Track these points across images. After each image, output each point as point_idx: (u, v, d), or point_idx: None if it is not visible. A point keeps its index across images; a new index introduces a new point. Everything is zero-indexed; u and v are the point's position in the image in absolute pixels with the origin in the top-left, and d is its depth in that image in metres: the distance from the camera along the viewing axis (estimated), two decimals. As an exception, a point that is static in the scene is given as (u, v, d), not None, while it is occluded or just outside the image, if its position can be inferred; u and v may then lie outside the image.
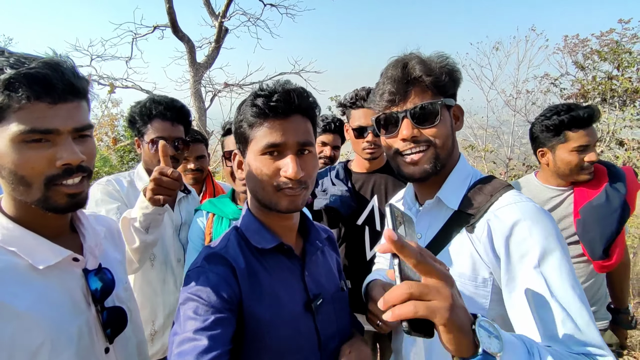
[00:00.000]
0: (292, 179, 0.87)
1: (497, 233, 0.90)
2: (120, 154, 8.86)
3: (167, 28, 6.97)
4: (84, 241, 0.96)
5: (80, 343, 0.87)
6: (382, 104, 1.04)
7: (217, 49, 7.22)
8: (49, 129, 0.79)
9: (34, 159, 0.78)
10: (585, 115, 1.72)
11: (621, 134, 4.71)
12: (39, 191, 0.81)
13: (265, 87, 0.92)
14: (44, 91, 0.78)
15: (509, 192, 0.98)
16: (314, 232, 1.06)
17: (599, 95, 4.59)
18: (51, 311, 0.83)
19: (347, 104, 1.88)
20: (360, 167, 1.97)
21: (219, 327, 0.79)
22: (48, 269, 0.85)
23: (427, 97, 1.00)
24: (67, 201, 0.84)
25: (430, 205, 1.07)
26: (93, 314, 0.91)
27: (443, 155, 1.02)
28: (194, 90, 7.00)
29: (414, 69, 1.00)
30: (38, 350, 0.79)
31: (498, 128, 6.77)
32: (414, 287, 0.56)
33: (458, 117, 1.10)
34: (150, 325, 1.67)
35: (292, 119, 0.90)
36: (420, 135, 1.00)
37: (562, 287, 0.81)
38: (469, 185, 1.04)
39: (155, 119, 1.66)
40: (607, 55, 4.58)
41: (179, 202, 1.83)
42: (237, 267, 0.88)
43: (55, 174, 0.80)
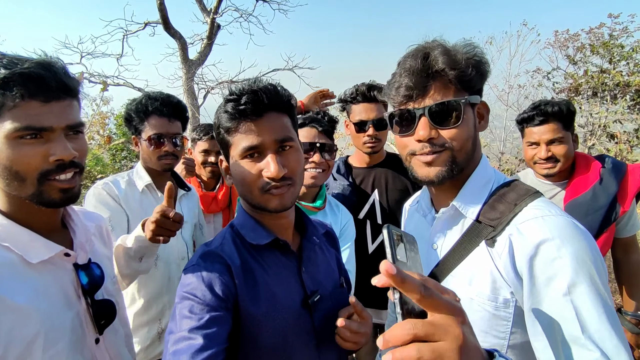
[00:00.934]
0: (275, 178, 0.86)
1: (519, 251, 0.79)
2: (112, 153, 8.76)
3: (159, 24, 6.88)
4: (74, 237, 0.99)
5: (73, 334, 0.90)
6: (397, 98, 0.92)
7: (209, 45, 7.16)
8: (44, 127, 0.82)
9: (28, 155, 0.82)
10: (534, 114, 1.80)
11: (612, 127, 4.79)
12: (33, 186, 0.83)
13: (233, 91, 0.90)
14: (38, 89, 0.82)
15: (535, 200, 0.86)
16: (311, 228, 1.04)
17: (590, 89, 4.65)
18: (45, 304, 0.86)
19: (348, 99, 1.89)
20: (360, 162, 1.98)
21: (214, 326, 0.79)
22: (41, 263, 0.88)
23: (449, 94, 0.88)
24: (60, 196, 0.87)
25: (446, 213, 0.95)
26: (83, 306, 0.95)
27: (461, 159, 0.90)
28: (187, 88, 6.94)
29: (437, 60, 0.87)
30: (33, 341, 0.82)
31: (490, 122, 6.83)
32: (419, 326, 0.48)
33: (483, 116, 0.97)
34: (157, 323, 1.67)
35: (265, 117, 0.88)
36: (438, 137, 0.88)
37: (596, 321, 0.70)
38: (490, 191, 0.92)
39: (151, 116, 1.64)
40: (599, 49, 4.63)
41: (179, 200, 1.81)
42: (232, 264, 0.87)
43: (49, 169, 0.84)
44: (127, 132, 9.22)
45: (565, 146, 1.78)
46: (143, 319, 1.66)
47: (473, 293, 0.85)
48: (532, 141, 1.82)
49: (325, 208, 1.65)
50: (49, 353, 0.84)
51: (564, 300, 0.73)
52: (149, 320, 1.66)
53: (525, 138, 1.87)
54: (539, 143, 1.80)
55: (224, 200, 2.27)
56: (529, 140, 1.84)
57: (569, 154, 1.79)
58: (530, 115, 1.83)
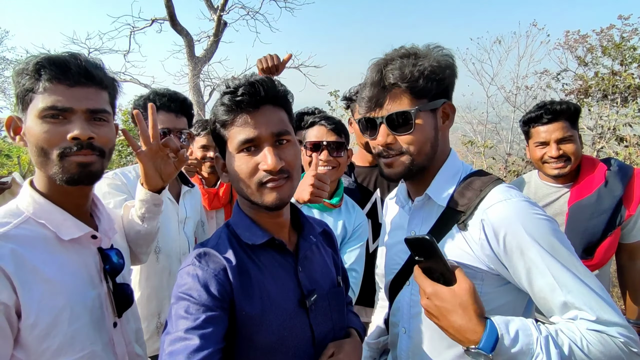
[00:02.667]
0: (272, 170, 0.85)
1: (491, 233, 0.91)
2: (118, 149, 8.81)
3: (166, 21, 6.92)
4: (99, 224, 1.06)
5: (93, 314, 0.96)
6: (363, 107, 1.04)
7: (215, 42, 7.18)
8: (65, 107, 0.91)
9: (51, 132, 0.90)
10: (542, 113, 1.78)
11: (622, 130, 4.71)
12: (55, 162, 0.91)
13: (230, 84, 0.89)
14: (63, 74, 0.91)
15: (497, 186, 0.97)
16: (307, 226, 1.03)
17: (600, 91, 4.57)
18: (72, 281, 0.93)
19: (353, 97, 1.87)
20: (363, 161, 1.96)
21: (210, 326, 0.78)
22: (70, 242, 0.95)
23: (403, 103, 0.98)
24: (78, 170, 0.93)
25: (421, 202, 1.07)
26: (104, 289, 1.01)
27: (419, 160, 1.01)
28: (193, 85, 6.96)
29: (388, 76, 0.98)
30: (60, 313, 0.88)
31: (497, 124, 6.76)
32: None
33: (448, 115, 1.05)
34: (156, 318, 1.67)
35: (262, 110, 0.87)
36: (395, 142, 1.00)
37: (572, 264, 0.85)
38: (458, 181, 1.03)
39: (159, 111, 1.66)
40: (610, 50, 4.55)
41: (183, 196, 1.82)
42: (228, 264, 0.86)
43: (67, 146, 0.91)
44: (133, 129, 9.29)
45: (575, 144, 1.76)
46: (143, 312, 1.66)
47: None
48: (541, 141, 1.79)
49: (342, 207, 1.65)
50: (73, 326, 0.90)
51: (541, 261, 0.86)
52: (149, 314, 1.67)
53: (533, 138, 1.83)
54: (548, 142, 1.77)
55: (225, 196, 2.28)
56: (537, 140, 1.80)
57: (578, 153, 1.77)
58: (538, 114, 1.80)
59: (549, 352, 0.78)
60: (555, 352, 0.78)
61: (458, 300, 0.83)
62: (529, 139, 1.89)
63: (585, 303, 0.83)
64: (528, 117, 1.86)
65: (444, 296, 0.85)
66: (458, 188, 1.01)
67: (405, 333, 1.09)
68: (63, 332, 0.88)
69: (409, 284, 1.08)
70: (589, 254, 1.70)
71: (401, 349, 1.10)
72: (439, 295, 0.85)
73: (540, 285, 0.86)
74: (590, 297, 0.83)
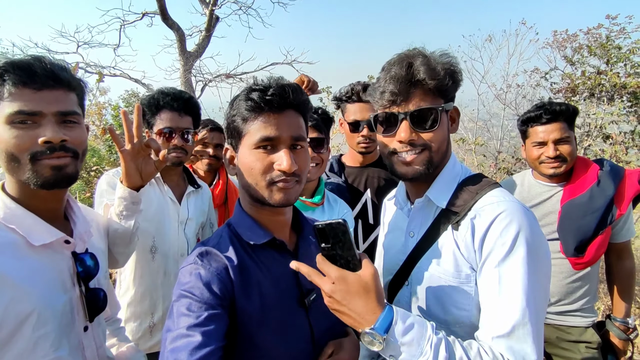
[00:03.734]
0: (287, 171, 0.88)
1: (477, 231, 0.93)
2: (108, 144, 8.71)
3: (156, 15, 6.82)
4: (75, 227, 1.04)
5: (63, 318, 0.95)
6: (382, 102, 1.02)
7: (207, 37, 7.10)
8: (34, 111, 0.90)
9: (20, 137, 0.89)
10: (541, 113, 1.81)
11: (608, 128, 4.80)
12: (27, 167, 0.90)
13: (260, 82, 0.92)
14: (29, 78, 0.90)
15: (493, 190, 0.99)
16: (307, 227, 1.06)
17: (587, 90, 4.66)
18: (41, 286, 0.92)
19: (343, 98, 1.88)
20: (354, 161, 1.98)
21: (212, 323, 0.80)
22: (41, 247, 0.94)
23: (428, 101, 0.99)
24: (52, 174, 0.92)
25: (421, 203, 1.09)
26: (77, 293, 1.01)
27: (437, 158, 1.03)
28: (184, 80, 6.88)
29: (419, 70, 0.98)
30: (26, 319, 0.87)
31: (488, 121, 6.83)
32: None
33: (454, 119, 1.10)
34: (149, 317, 1.69)
35: (286, 113, 0.91)
36: (417, 138, 1.00)
37: (513, 289, 0.84)
38: (457, 183, 1.05)
39: (163, 110, 1.67)
40: (596, 50, 4.63)
41: (187, 196, 1.82)
42: (229, 263, 0.88)
43: (39, 150, 0.90)
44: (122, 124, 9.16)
45: (571, 146, 1.81)
46: (136, 310, 1.68)
47: (441, 272, 0.99)
48: (539, 141, 1.82)
49: (324, 204, 1.66)
50: (38, 332, 0.89)
51: (493, 271, 0.87)
52: (142, 313, 1.68)
53: (531, 138, 1.86)
54: (545, 142, 1.81)
55: (220, 196, 2.27)
56: (535, 140, 1.84)
57: (574, 154, 1.82)
58: (538, 114, 1.82)
59: (437, 354, 0.77)
60: (444, 356, 0.77)
61: (362, 284, 0.83)
62: (525, 138, 1.91)
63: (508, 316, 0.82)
64: (527, 117, 1.88)
65: (349, 280, 0.83)
66: (456, 190, 1.04)
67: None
68: (26, 339, 0.87)
69: (408, 284, 1.10)
70: (580, 252, 1.75)
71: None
72: (345, 280, 0.84)
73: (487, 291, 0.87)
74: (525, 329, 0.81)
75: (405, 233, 1.12)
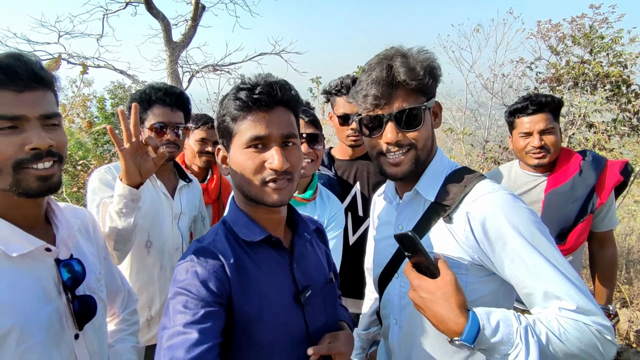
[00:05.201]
0: (278, 170, 0.87)
1: (476, 225, 0.95)
2: (94, 137, 8.55)
3: (141, 4, 6.66)
4: (57, 232, 0.99)
5: (50, 329, 0.91)
6: (365, 105, 1.04)
7: (193, 27, 6.98)
8: (17, 115, 0.83)
9: (3, 145, 0.82)
10: (527, 104, 1.86)
11: (591, 117, 4.90)
12: (9, 176, 0.84)
13: (247, 80, 0.91)
14: (9, 79, 0.82)
15: (481, 182, 1.02)
16: (302, 224, 1.06)
17: (571, 79, 4.74)
18: (21, 298, 0.86)
19: (333, 92, 1.89)
20: (343, 155, 2.00)
21: (209, 321, 0.80)
22: (20, 257, 0.88)
23: (411, 100, 1.01)
24: (38, 184, 0.87)
25: (409, 197, 1.11)
26: (64, 302, 0.95)
27: (423, 155, 1.06)
28: (171, 71, 6.78)
29: (399, 72, 0.99)
30: (7, 334, 0.82)
31: (476, 111, 6.90)
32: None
33: (437, 114, 1.12)
34: (147, 311, 1.71)
35: (275, 111, 0.91)
36: (403, 138, 1.02)
37: (552, 255, 0.90)
38: (445, 176, 1.08)
39: (155, 105, 1.67)
40: (580, 39, 4.70)
41: (179, 191, 1.83)
42: (226, 261, 0.89)
43: (24, 158, 0.84)
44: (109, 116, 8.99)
45: (555, 136, 1.86)
46: None
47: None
48: (525, 131, 1.87)
49: (316, 199, 1.68)
50: (23, 347, 0.85)
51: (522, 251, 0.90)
52: (139, 308, 1.68)
53: (517, 129, 1.91)
54: (531, 133, 1.86)
55: (214, 191, 2.28)
56: (521, 130, 1.89)
57: (558, 145, 1.87)
58: (524, 105, 1.87)
59: (527, 342, 0.81)
60: (533, 341, 0.82)
61: (440, 291, 0.87)
62: (512, 129, 1.96)
63: (566, 292, 0.86)
64: (514, 108, 1.93)
65: (427, 288, 0.89)
66: (444, 184, 1.06)
67: (396, 324, 1.13)
68: (10, 354, 0.83)
69: (398, 276, 1.12)
70: (562, 239, 1.82)
71: (392, 338, 1.14)
72: (423, 287, 0.90)
73: (522, 275, 0.90)
74: (570, 287, 0.87)
75: (395, 226, 1.15)
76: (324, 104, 6.07)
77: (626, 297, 3.74)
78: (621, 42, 4.53)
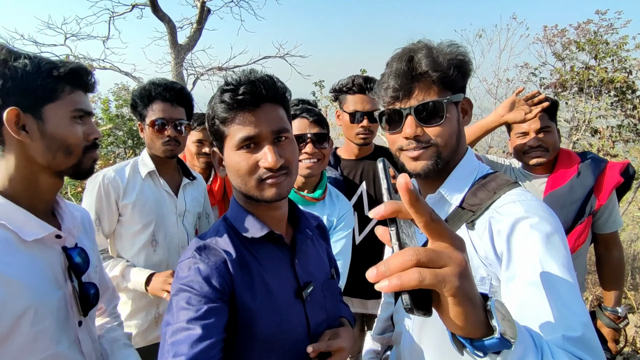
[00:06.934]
0: (272, 168, 0.87)
1: (498, 231, 0.87)
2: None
3: (146, 7, 6.73)
4: (62, 222, 1.05)
5: (60, 314, 0.96)
6: (386, 99, 0.99)
7: (199, 30, 7.03)
8: (87, 111, 1.04)
9: (79, 132, 1.01)
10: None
11: (596, 122, 4.90)
12: (77, 157, 1.01)
13: (230, 81, 0.90)
14: (83, 83, 1.05)
15: (513, 189, 0.94)
16: (304, 220, 1.06)
17: (576, 84, 4.74)
18: (37, 281, 0.92)
19: (343, 89, 1.89)
20: (349, 154, 2.00)
21: (212, 317, 0.80)
22: (34, 242, 0.94)
23: (432, 94, 0.95)
24: (91, 166, 1.06)
25: (433, 200, 1.03)
26: (69, 288, 1.01)
27: (445, 153, 0.98)
28: (176, 73, 6.82)
29: (420, 63, 0.94)
30: (23, 315, 0.87)
31: (479, 115, 6.91)
32: (421, 252, 0.47)
33: (466, 111, 1.05)
34: (155, 309, 1.72)
35: (262, 108, 0.89)
36: (423, 134, 0.96)
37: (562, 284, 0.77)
38: (473, 180, 1.00)
39: (155, 101, 1.67)
40: (584, 45, 4.70)
41: (183, 188, 1.82)
42: (228, 257, 0.88)
43: (89, 145, 1.04)
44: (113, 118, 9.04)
45: (552, 135, 1.86)
46: (141, 303, 1.71)
47: None
48: (522, 131, 1.87)
49: (325, 199, 1.67)
50: (36, 328, 0.89)
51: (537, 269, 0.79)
52: (147, 305, 1.71)
53: (515, 129, 1.91)
54: (528, 132, 1.85)
55: (219, 191, 2.28)
56: (518, 130, 1.89)
57: (556, 144, 1.87)
58: None
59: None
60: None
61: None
62: (510, 130, 1.96)
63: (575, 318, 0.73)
64: None
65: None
66: (472, 188, 0.98)
67: (408, 330, 1.08)
68: (25, 334, 0.87)
69: None
70: None
71: (404, 344, 1.10)
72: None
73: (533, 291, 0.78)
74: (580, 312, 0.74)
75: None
76: (327, 107, 6.09)
77: (633, 303, 3.71)
78: (626, 48, 4.54)
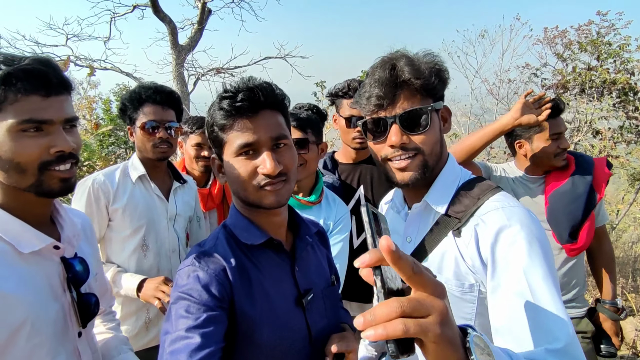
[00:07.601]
0: (271, 174, 0.87)
1: (483, 239, 0.88)
2: (99, 139, 8.61)
3: (148, 8, 6.73)
4: (62, 231, 1.01)
5: (57, 326, 0.93)
6: (369, 107, 0.98)
7: (200, 30, 7.03)
8: (44, 119, 0.87)
9: (30, 147, 0.86)
10: (557, 106, 1.84)
11: (597, 124, 4.88)
12: (33, 176, 0.87)
13: (228, 88, 0.90)
14: (40, 85, 0.87)
15: (496, 194, 0.95)
16: (304, 227, 1.05)
17: (578, 86, 4.71)
18: (32, 294, 0.88)
19: (339, 94, 1.88)
20: (347, 158, 2.00)
21: (211, 325, 0.80)
22: (30, 254, 0.90)
23: (416, 101, 0.95)
24: (59, 185, 0.91)
25: (419, 208, 1.04)
26: (68, 299, 0.97)
27: (432, 161, 0.98)
28: (177, 74, 6.82)
29: (403, 71, 0.94)
30: (19, 329, 0.84)
31: (481, 116, 6.89)
32: (405, 303, 0.48)
33: (446, 119, 1.06)
34: (145, 313, 1.71)
35: (260, 115, 0.89)
36: (409, 142, 0.96)
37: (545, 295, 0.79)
38: (457, 187, 1.01)
39: (145, 104, 1.66)
40: (587, 46, 4.68)
41: (174, 192, 1.81)
42: (227, 265, 0.88)
43: (49, 160, 0.88)
44: (114, 118, 9.07)
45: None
46: (131, 308, 1.69)
47: (442, 280, 0.92)
48: (559, 131, 1.84)
49: (322, 202, 1.66)
50: (32, 342, 0.86)
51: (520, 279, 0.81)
52: (137, 309, 1.70)
53: (546, 131, 1.84)
54: (561, 133, 1.86)
55: (218, 195, 2.27)
56: (555, 131, 1.84)
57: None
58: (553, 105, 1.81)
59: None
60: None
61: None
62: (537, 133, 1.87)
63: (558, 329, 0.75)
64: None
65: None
66: (456, 195, 0.98)
67: None
68: (20, 348, 0.85)
69: None
70: (573, 238, 1.82)
71: None
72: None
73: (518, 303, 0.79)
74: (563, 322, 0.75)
75: (403, 238, 1.08)
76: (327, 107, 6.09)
77: (633, 305, 3.69)
78: (628, 49, 4.51)
